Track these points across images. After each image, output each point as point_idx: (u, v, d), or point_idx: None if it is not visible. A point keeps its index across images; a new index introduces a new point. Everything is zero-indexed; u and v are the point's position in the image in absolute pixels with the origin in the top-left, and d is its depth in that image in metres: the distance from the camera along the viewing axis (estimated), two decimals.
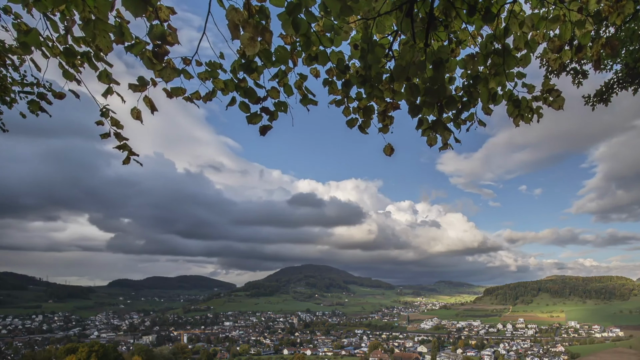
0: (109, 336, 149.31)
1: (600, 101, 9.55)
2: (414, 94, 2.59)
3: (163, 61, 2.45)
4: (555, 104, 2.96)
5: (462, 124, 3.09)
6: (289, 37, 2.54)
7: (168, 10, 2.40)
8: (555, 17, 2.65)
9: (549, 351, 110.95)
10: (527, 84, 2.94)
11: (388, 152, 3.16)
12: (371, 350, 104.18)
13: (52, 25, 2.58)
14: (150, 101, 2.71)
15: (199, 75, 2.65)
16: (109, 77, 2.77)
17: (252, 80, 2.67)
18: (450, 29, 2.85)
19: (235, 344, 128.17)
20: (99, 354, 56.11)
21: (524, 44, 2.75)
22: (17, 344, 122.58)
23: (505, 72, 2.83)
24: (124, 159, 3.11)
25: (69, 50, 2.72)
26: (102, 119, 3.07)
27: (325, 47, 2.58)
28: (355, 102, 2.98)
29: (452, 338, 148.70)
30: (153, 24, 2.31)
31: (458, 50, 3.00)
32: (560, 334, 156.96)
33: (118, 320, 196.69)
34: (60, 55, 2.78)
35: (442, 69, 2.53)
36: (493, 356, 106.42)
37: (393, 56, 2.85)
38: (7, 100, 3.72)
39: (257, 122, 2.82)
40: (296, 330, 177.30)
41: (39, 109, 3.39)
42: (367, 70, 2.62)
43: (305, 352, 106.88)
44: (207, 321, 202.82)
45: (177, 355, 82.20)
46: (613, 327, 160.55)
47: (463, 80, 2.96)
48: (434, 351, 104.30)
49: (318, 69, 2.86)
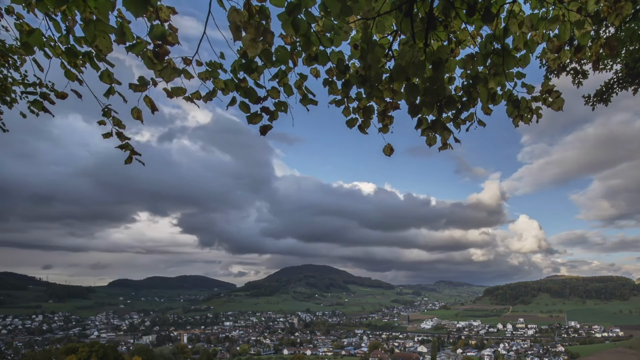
0: (109, 336, 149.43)
1: (600, 101, 9.56)
2: (413, 93, 2.60)
3: (164, 61, 2.47)
4: (555, 105, 2.98)
5: (462, 124, 3.11)
6: (289, 37, 2.56)
7: (168, 10, 2.42)
8: (554, 18, 2.67)
9: (549, 351, 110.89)
10: (526, 84, 2.96)
11: (388, 152, 3.18)
12: (371, 350, 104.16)
13: (54, 25, 2.60)
14: (151, 101, 2.73)
15: (199, 75, 2.66)
16: (110, 77, 2.79)
17: (252, 80, 2.68)
18: (449, 29, 2.87)
19: (235, 344, 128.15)
20: (99, 354, 56.13)
21: (523, 44, 2.77)
22: (17, 344, 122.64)
23: (505, 72, 2.85)
24: (126, 159, 3.12)
25: (71, 50, 2.74)
26: (104, 119, 3.08)
27: (325, 47, 2.59)
28: (355, 102, 2.99)
29: (452, 338, 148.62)
30: (153, 24, 2.33)
31: (458, 50, 3.01)
32: (560, 334, 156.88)
33: (118, 320, 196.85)
34: (62, 55, 2.80)
35: (441, 69, 2.55)
36: (493, 356, 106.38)
37: (393, 56, 2.86)
38: (8, 100, 3.73)
39: (258, 122, 2.84)
40: (296, 330, 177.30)
41: (42, 109, 3.41)
42: (367, 70, 2.63)
43: (305, 352, 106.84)
44: (207, 321, 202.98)
45: (177, 355, 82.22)
46: (613, 327, 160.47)
47: (462, 80, 2.97)
48: (434, 351, 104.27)
49: (318, 69, 2.87)
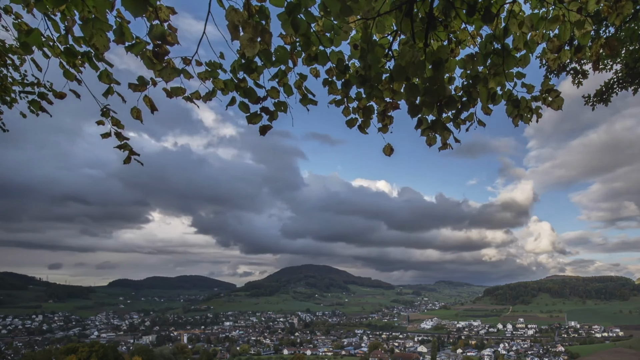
0: (109, 336, 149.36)
1: (600, 101, 9.56)
2: (413, 93, 2.59)
3: (163, 61, 2.46)
4: (555, 104, 2.97)
5: (462, 123, 3.11)
6: (288, 37, 2.55)
7: (168, 10, 2.41)
8: (554, 17, 2.66)
9: (549, 351, 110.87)
10: (526, 84, 2.96)
11: (388, 152, 3.18)
12: (371, 350, 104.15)
13: (53, 25, 2.60)
14: (150, 101, 2.72)
15: (199, 75, 2.66)
16: (109, 77, 2.78)
17: (252, 80, 2.68)
18: (449, 29, 2.86)
19: (235, 344, 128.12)
20: (99, 354, 56.17)
21: (523, 44, 2.76)
22: (17, 344, 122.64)
23: (505, 72, 2.84)
24: (125, 159, 3.12)
25: (70, 50, 2.73)
26: (102, 119, 3.08)
27: (325, 47, 2.59)
28: (355, 102, 2.99)
29: (452, 338, 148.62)
30: (153, 24, 2.32)
31: (457, 50, 3.00)
32: (560, 334, 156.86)
33: (118, 320, 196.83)
34: (61, 55, 2.79)
35: (441, 69, 2.54)
36: (493, 356, 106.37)
37: (393, 56, 2.86)
38: (7, 100, 3.73)
39: (257, 122, 2.83)
40: (296, 330, 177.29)
41: (40, 109, 3.40)
42: (367, 70, 2.63)
43: (305, 352, 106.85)
44: (207, 321, 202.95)
45: (177, 355, 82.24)
46: (613, 327, 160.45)
47: (462, 80, 2.97)
48: (434, 351, 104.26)
49: (318, 69, 2.87)
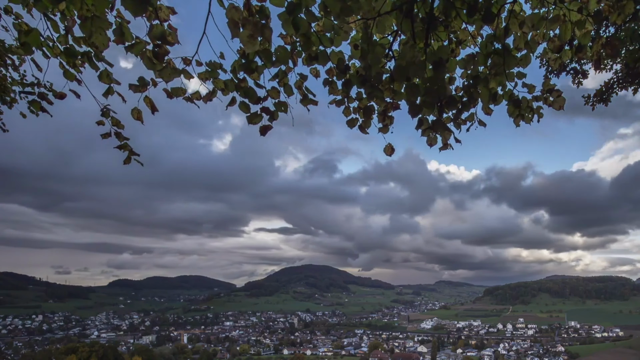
0: (109, 336, 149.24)
1: (600, 101, 9.55)
2: (414, 94, 2.59)
3: (163, 61, 2.45)
4: (556, 104, 2.97)
5: (462, 124, 3.10)
6: (289, 37, 2.55)
7: (168, 10, 2.41)
8: (555, 17, 2.65)
9: (549, 351, 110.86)
10: (527, 84, 2.95)
11: (388, 152, 3.17)
12: (371, 350, 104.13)
13: (53, 25, 2.59)
14: (151, 101, 2.72)
15: (199, 75, 2.65)
16: (109, 77, 2.78)
17: (252, 80, 2.67)
18: (450, 29, 2.85)
19: (235, 344, 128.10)
20: (99, 354, 56.17)
21: (524, 44, 2.76)
22: (17, 344, 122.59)
23: (506, 72, 2.83)
24: (125, 159, 3.12)
25: (70, 50, 2.73)
26: (102, 119, 3.07)
27: (325, 47, 2.58)
28: (355, 102, 2.98)
29: (452, 338, 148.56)
30: (153, 24, 2.32)
31: (458, 50, 3.00)
32: (560, 334, 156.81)
33: (118, 320, 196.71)
34: (61, 55, 2.79)
35: (442, 69, 2.53)
36: (493, 356, 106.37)
37: (393, 56, 2.85)
38: (7, 100, 3.72)
39: (258, 122, 2.83)
40: (296, 330, 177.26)
41: (40, 109, 3.40)
42: (367, 70, 2.62)
43: (305, 352, 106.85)
44: (207, 321, 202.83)
45: (177, 355, 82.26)
46: (613, 327, 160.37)
47: (463, 80, 2.96)
48: (434, 351, 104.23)
49: (318, 69, 2.86)
